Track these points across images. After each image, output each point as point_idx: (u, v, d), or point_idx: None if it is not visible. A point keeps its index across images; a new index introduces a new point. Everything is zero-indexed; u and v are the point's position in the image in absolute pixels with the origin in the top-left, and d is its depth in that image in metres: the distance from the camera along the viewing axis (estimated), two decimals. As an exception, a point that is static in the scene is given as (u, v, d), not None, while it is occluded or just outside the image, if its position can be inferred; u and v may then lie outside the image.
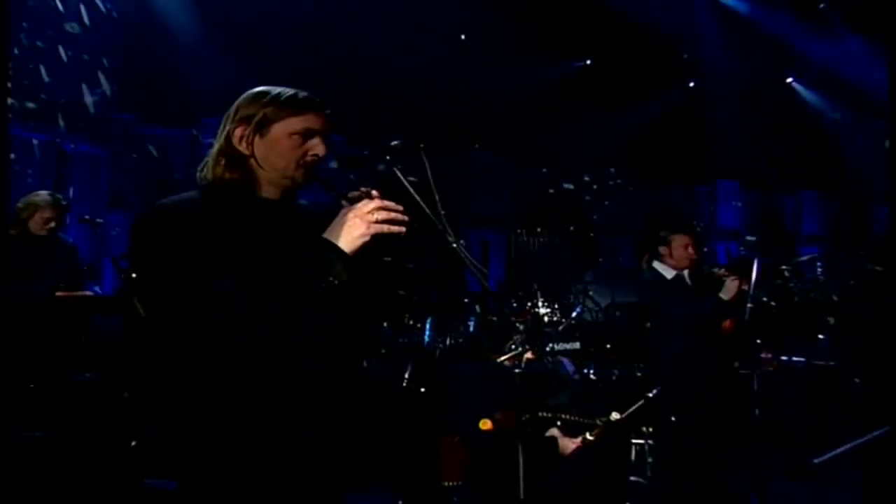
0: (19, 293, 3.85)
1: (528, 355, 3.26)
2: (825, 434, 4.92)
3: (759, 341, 3.89)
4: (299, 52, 7.43)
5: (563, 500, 3.25)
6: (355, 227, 1.55)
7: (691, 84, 10.06)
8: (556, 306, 5.55)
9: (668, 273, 4.00)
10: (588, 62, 9.74)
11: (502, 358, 3.29)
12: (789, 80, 10.09)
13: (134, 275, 1.82)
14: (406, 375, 3.88)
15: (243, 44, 7.22)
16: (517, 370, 2.65)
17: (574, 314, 5.42)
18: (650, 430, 3.65)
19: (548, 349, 4.64)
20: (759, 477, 3.51)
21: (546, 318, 5.37)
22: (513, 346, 3.55)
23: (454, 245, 1.74)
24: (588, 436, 3.31)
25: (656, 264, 4.04)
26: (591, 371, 4.77)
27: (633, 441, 3.72)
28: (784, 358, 6.13)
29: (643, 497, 3.47)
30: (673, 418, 3.67)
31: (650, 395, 3.43)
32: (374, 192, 1.60)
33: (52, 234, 4.15)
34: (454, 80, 8.39)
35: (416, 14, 7.95)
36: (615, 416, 3.32)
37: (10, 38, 5.42)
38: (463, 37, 8.76)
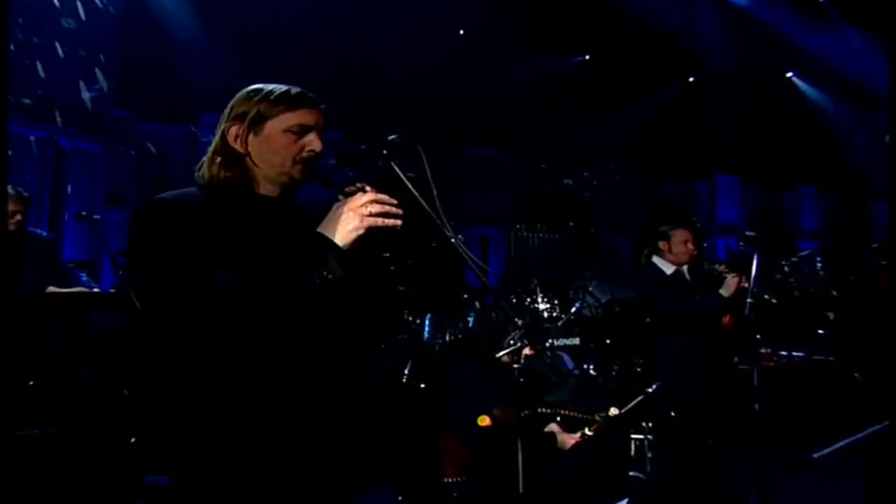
0: None
1: (527, 351, 3.26)
2: (825, 429, 4.92)
3: (758, 337, 3.89)
4: (298, 48, 7.42)
5: (563, 496, 3.25)
6: (349, 220, 1.54)
7: (691, 79, 10.04)
8: (556, 302, 5.55)
9: (668, 268, 3.99)
10: (587, 57, 9.71)
11: (501, 354, 3.29)
12: (789, 74, 10.08)
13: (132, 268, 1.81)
14: (405, 372, 3.88)
15: (242, 40, 7.20)
16: (516, 366, 2.65)
17: (573, 310, 5.42)
18: (649, 425, 3.66)
19: (547, 345, 4.64)
20: (758, 472, 3.51)
21: (546, 314, 5.37)
22: (512, 342, 3.55)
23: (453, 241, 1.73)
24: (587, 431, 3.32)
25: (655, 259, 4.04)
26: (591, 367, 4.78)
27: (633, 436, 3.73)
28: (784, 353, 6.14)
29: (642, 492, 3.48)
30: (672, 414, 3.67)
31: (650, 390, 3.44)
32: (368, 187, 1.59)
33: (20, 228, 4.01)
34: (453, 76, 8.38)
35: (415, 11, 7.93)
36: (614, 411, 3.33)
37: (9, 35, 5.39)
38: (462, 32, 8.74)
